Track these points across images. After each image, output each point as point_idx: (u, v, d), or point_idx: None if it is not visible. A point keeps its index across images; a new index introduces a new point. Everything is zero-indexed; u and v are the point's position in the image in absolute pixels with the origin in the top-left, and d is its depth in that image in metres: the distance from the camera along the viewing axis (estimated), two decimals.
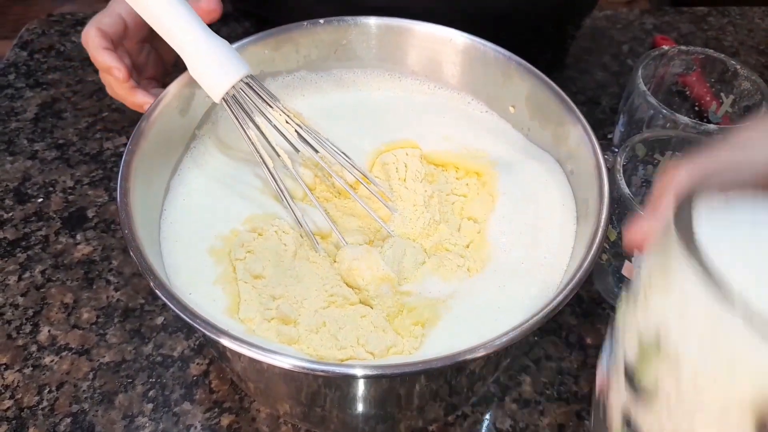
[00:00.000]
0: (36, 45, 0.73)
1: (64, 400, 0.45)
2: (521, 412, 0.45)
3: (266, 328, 0.37)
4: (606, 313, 0.51)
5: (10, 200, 0.58)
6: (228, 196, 0.44)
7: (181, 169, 0.45)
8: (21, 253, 0.54)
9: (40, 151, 0.62)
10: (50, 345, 0.48)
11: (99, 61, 0.48)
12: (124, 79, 0.48)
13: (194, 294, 0.38)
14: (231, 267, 0.40)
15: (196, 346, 0.48)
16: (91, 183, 0.59)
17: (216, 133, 0.48)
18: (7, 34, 1.83)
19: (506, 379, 0.47)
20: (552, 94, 0.45)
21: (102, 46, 0.48)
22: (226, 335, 0.32)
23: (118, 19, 0.49)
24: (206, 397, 0.45)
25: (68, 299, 0.51)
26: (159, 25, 0.42)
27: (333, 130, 0.46)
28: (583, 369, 0.48)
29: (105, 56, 0.48)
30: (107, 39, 0.48)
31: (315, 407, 0.39)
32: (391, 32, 0.50)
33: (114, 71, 0.48)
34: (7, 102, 0.67)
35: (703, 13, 0.83)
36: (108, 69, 0.48)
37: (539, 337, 0.49)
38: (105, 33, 0.48)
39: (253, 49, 0.48)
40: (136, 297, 0.51)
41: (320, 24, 0.50)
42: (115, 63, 0.48)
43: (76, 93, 0.68)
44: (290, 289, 0.39)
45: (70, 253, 0.54)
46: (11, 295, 0.51)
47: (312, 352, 0.36)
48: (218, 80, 0.42)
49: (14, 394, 0.45)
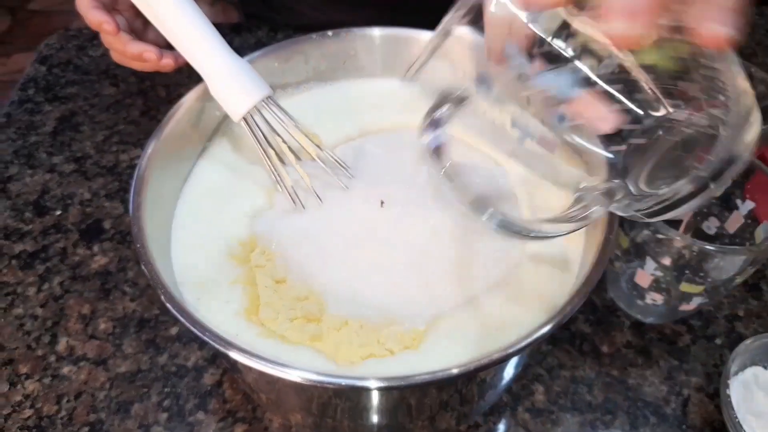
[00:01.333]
0: (54, 59, 0.75)
1: (82, 410, 0.46)
2: (534, 422, 0.45)
3: (288, 327, 0.38)
4: (620, 320, 0.51)
5: (30, 213, 0.59)
6: (240, 202, 0.45)
7: (191, 177, 0.46)
8: (40, 264, 0.55)
9: (58, 164, 0.63)
10: (68, 355, 0.49)
11: (89, 19, 0.50)
12: (113, 31, 0.50)
13: (204, 298, 0.39)
14: (248, 270, 0.41)
15: (209, 356, 0.48)
16: (108, 195, 0.60)
17: (228, 145, 0.49)
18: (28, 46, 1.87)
19: (519, 388, 0.47)
20: None
21: (92, 5, 0.50)
22: (235, 348, 0.32)
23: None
24: (220, 407, 0.46)
25: (86, 310, 0.52)
26: (180, 46, 0.43)
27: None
28: (597, 378, 0.47)
29: (95, 13, 0.50)
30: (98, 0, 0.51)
31: (326, 418, 0.40)
32: (398, 42, 0.51)
33: (104, 25, 0.50)
34: (27, 116, 0.68)
35: None
36: (98, 24, 0.50)
37: (552, 346, 0.49)
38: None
39: (263, 62, 0.49)
40: (151, 308, 0.52)
41: (329, 36, 0.50)
42: (104, 17, 0.50)
43: (93, 106, 0.69)
44: (314, 289, 0.40)
45: (87, 265, 0.55)
46: (30, 307, 0.52)
47: (334, 349, 0.37)
48: (239, 101, 0.43)
49: (34, 403, 0.46)
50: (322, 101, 0.52)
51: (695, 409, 0.46)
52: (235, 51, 0.44)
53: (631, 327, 0.50)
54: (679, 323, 0.51)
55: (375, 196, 0.45)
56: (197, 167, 0.47)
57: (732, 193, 0.47)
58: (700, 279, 0.43)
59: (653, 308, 0.49)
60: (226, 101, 0.43)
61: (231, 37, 0.77)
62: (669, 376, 0.48)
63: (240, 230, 0.43)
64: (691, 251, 0.41)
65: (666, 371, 0.48)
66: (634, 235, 0.44)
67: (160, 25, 0.43)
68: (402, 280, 0.40)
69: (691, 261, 0.41)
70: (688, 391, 0.47)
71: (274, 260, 0.41)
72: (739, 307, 0.52)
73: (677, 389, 0.47)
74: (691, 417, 0.45)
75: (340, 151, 0.49)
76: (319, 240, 0.42)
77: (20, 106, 0.69)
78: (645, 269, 0.45)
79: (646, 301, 0.48)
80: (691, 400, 0.46)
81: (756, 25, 0.81)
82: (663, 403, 0.46)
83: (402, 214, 0.44)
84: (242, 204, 0.45)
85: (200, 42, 0.43)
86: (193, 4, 0.43)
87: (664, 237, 0.41)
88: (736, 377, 0.45)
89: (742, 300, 0.52)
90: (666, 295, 0.47)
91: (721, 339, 0.50)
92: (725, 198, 0.48)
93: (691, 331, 0.50)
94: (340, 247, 0.42)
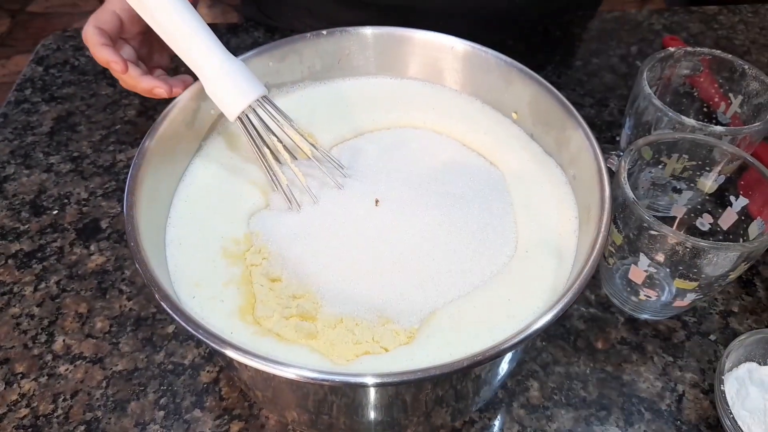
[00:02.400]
0: (51, 60, 0.75)
1: (79, 408, 0.46)
2: (529, 418, 0.45)
3: (284, 325, 0.38)
4: (615, 317, 0.51)
5: (27, 212, 0.59)
6: (235, 201, 0.45)
7: (186, 176, 0.47)
8: (37, 264, 0.55)
9: (55, 164, 0.63)
10: (65, 354, 0.49)
11: (98, 56, 0.51)
12: (122, 71, 0.50)
13: (199, 296, 0.39)
14: (243, 269, 0.41)
15: (206, 354, 0.49)
16: (105, 194, 0.61)
17: (223, 144, 0.49)
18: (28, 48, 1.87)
19: (514, 384, 0.47)
20: (554, 99, 0.45)
21: (100, 42, 0.50)
22: (230, 346, 0.32)
23: (113, 16, 0.52)
24: (216, 405, 0.46)
25: (82, 309, 0.52)
26: (177, 47, 0.43)
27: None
28: (591, 374, 0.48)
29: (103, 52, 0.50)
30: (105, 36, 0.51)
31: (322, 414, 0.40)
32: (392, 41, 0.51)
33: (112, 65, 0.50)
34: (24, 116, 0.68)
35: (714, 12, 0.82)
36: (107, 63, 0.50)
37: (547, 342, 0.49)
38: (102, 30, 0.51)
39: (258, 61, 0.49)
40: (148, 306, 0.52)
41: (323, 35, 0.50)
42: (112, 57, 0.50)
43: (90, 106, 0.69)
44: (310, 287, 0.40)
45: (84, 264, 0.55)
46: (27, 306, 0.52)
47: (329, 346, 0.37)
48: (234, 101, 0.43)
49: (30, 402, 0.46)
50: (316, 100, 0.52)
51: (690, 404, 0.46)
52: (232, 51, 0.44)
53: (626, 323, 0.51)
54: (674, 319, 0.51)
55: (370, 195, 0.45)
56: (192, 166, 0.47)
57: (726, 190, 0.48)
58: (693, 275, 0.43)
59: (647, 304, 0.49)
60: (221, 100, 0.44)
61: (228, 37, 0.77)
62: (663, 372, 0.48)
63: (235, 229, 0.43)
64: (685, 247, 0.41)
65: (660, 367, 0.48)
66: (628, 232, 0.44)
67: (155, 25, 0.43)
68: (396, 278, 0.41)
69: (684, 257, 0.42)
70: (683, 386, 0.47)
71: (270, 259, 0.42)
72: (733, 303, 0.52)
73: (672, 385, 0.47)
74: (686, 413, 0.46)
75: (335, 150, 0.49)
76: (314, 239, 0.43)
77: (17, 107, 0.69)
78: (639, 265, 0.45)
79: (640, 298, 0.48)
80: (686, 395, 0.46)
81: (750, 23, 0.81)
82: (657, 399, 0.46)
83: (397, 212, 0.44)
84: (237, 203, 0.45)
85: (195, 42, 0.43)
86: (188, 4, 0.43)
87: (657, 233, 0.42)
88: (730, 373, 0.45)
89: (736, 296, 0.53)
90: (660, 291, 0.47)
91: (715, 335, 0.50)
92: (719, 195, 0.48)
93: (685, 327, 0.51)
94: (335, 245, 0.42)
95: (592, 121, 0.67)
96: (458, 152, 0.49)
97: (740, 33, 0.79)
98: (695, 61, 0.55)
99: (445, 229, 0.44)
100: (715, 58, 0.55)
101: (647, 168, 0.49)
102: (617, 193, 0.43)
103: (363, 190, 0.46)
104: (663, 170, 0.49)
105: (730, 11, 0.83)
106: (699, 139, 0.47)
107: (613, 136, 0.66)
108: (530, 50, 0.76)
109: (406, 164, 0.48)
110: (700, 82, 0.57)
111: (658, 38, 0.78)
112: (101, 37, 0.51)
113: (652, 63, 0.54)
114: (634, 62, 0.75)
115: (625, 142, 0.57)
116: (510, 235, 0.43)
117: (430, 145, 0.49)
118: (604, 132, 0.66)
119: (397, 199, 0.45)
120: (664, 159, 0.48)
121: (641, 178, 0.50)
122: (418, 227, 0.44)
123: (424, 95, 0.53)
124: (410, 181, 0.46)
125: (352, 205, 0.45)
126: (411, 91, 0.53)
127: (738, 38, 0.79)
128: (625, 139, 0.56)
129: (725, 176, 0.47)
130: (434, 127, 0.51)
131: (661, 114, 0.50)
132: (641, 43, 0.77)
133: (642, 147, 0.46)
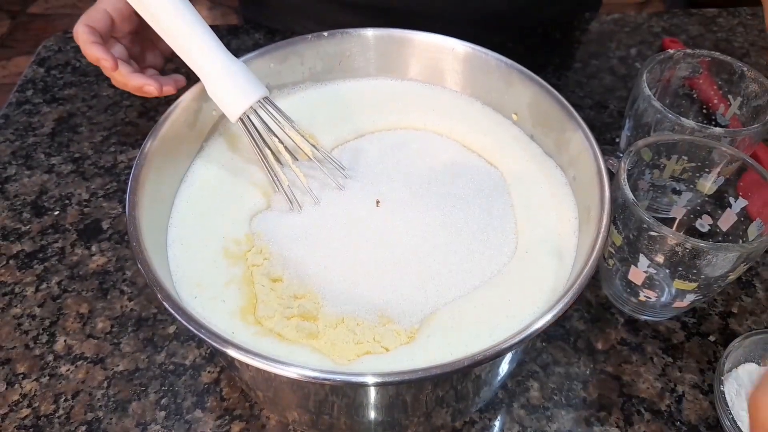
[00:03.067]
0: (52, 61, 0.75)
1: (80, 409, 0.46)
2: (529, 418, 0.45)
3: (285, 325, 0.38)
4: (614, 318, 0.51)
5: (28, 213, 0.59)
6: (236, 201, 0.45)
7: (188, 176, 0.47)
8: (38, 264, 0.55)
9: (56, 164, 0.64)
10: (66, 354, 0.49)
11: (88, 54, 0.51)
12: (112, 68, 0.51)
13: (201, 296, 0.39)
14: (244, 269, 0.41)
15: (207, 354, 0.49)
16: (106, 195, 0.61)
17: (225, 145, 0.49)
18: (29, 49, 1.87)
19: (514, 384, 0.47)
20: (553, 100, 0.45)
21: (90, 40, 0.51)
22: (232, 346, 0.32)
23: (104, 15, 0.53)
24: (217, 405, 0.46)
25: (84, 309, 0.52)
26: (178, 47, 0.44)
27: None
28: (591, 374, 0.48)
29: (93, 49, 0.51)
30: (95, 34, 0.51)
31: (323, 414, 0.40)
32: (393, 43, 0.51)
33: (102, 62, 0.51)
34: (25, 117, 0.68)
35: (713, 14, 0.83)
36: (97, 61, 0.51)
37: (547, 343, 0.49)
38: (93, 29, 0.52)
39: (259, 63, 0.49)
40: (149, 306, 0.52)
41: (324, 36, 0.51)
42: (102, 54, 0.51)
43: (91, 108, 0.69)
44: (311, 288, 0.40)
45: (85, 264, 0.55)
46: (29, 306, 0.52)
47: (330, 346, 0.38)
48: (236, 102, 0.43)
49: (32, 402, 0.46)
50: (317, 102, 0.52)
51: (689, 405, 0.46)
52: (232, 53, 0.44)
53: (626, 324, 0.51)
54: (673, 320, 0.51)
55: (371, 196, 0.45)
56: (194, 167, 0.47)
57: (725, 191, 0.48)
58: (693, 276, 0.43)
59: (647, 305, 0.49)
60: (223, 101, 0.44)
61: (229, 39, 0.78)
62: (663, 373, 0.48)
63: (237, 229, 0.43)
64: (685, 248, 0.41)
65: (660, 368, 0.48)
66: (628, 233, 0.44)
67: (156, 25, 0.43)
68: (397, 278, 0.41)
69: (684, 258, 0.42)
70: (683, 387, 0.47)
71: (271, 259, 0.42)
72: (732, 304, 0.52)
73: (671, 386, 0.47)
74: (686, 413, 0.46)
75: (336, 151, 0.49)
76: (315, 239, 0.43)
77: (18, 108, 0.70)
78: (638, 266, 0.45)
79: (640, 298, 0.48)
80: (686, 396, 0.47)
81: (749, 26, 0.81)
82: (657, 400, 0.46)
83: (397, 213, 0.44)
84: (239, 203, 0.45)
85: (197, 43, 0.43)
86: (189, 5, 0.43)
87: (657, 234, 0.42)
88: (729, 374, 0.45)
89: (735, 297, 0.53)
90: (659, 292, 0.47)
91: (714, 336, 0.50)
92: (718, 196, 0.48)
93: (685, 328, 0.51)
94: (336, 246, 0.42)
95: (592, 122, 0.67)
96: (459, 153, 0.49)
97: (739, 35, 0.80)
98: (694, 63, 0.56)
99: (446, 229, 0.44)
100: (714, 60, 0.55)
101: (647, 169, 0.49)
102: (617, 194, 0.43)
103: (364, 191, 0.46)
104: (662, 171, 0.49)
105: (730, 14, 0.83)
106: (698, 141, 0.47)
107: (613, 138, 0.66)
108: (530, 52, 0.77)
109: (406, 165, 0.48)
110: (700, 84, 0.57)
111: (658, 40, 0.78)
112: (92, 35, 0.51)
113: (651, 65, 0.54)
114: (634, 64, 0.75)
115: (624, 143, 0.57)
116: (510, 235, 0.43)
117: (431, 147, 0.50)
118: (604, 133, 0.67)
119: (397, 199, 0.45)
120: (664, 160, 0.48)
121: (641, 180, 0.50)
122: (419, 228, 0.44)
123: (424, 96, 0.53)
124: (411, 182, 0.46)
125: (353, 205, 0.45)
126: (412, 93, 0.53)
127: (737, 40, 0.79)
128: (625, 140, 0.57)
129: (724, 177, 0.48)
130: (435, 129, 0.51)
131: (661, 116, 0.50)
132: (641, 45, 0.78)
133: (642, 148, 0.47)
